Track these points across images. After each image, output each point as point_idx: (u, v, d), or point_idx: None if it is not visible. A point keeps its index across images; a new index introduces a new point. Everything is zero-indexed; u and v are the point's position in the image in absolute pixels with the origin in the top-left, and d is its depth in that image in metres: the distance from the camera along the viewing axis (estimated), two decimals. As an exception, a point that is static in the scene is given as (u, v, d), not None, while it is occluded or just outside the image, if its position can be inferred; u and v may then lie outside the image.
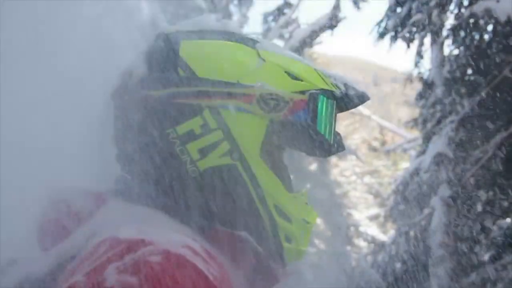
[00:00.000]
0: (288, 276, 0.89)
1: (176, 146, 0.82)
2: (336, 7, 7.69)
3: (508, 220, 6.59)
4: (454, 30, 6.61)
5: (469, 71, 6.91)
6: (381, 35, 8.59)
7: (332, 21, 7.71)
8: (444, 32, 7.23)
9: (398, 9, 8.31)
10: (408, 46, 7.87)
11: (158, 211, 0.80)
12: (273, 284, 0.89)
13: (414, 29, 7.62)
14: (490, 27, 6.22)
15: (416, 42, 7.79)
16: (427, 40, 7.75)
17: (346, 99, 0.91)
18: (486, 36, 6.39)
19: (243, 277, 0.84)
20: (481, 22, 6.13)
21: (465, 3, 6.57)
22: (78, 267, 0.69)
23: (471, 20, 6.16)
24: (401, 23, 8.03)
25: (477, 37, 6.46)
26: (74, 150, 0.89)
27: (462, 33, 6.58)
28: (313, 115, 0.84)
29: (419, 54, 7.87)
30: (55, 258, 0.75)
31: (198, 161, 0.81)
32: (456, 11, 6.91)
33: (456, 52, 7.04)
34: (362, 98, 0.91)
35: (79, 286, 0.64)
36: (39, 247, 0.84)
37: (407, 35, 7.73)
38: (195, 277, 0.66)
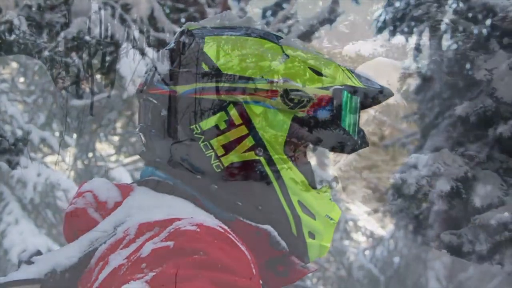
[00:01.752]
0: (310, 271, 0.89)
1: (201, 142, 0.82)
2: (335, 1, 7.67)
3: (506, 214, 6.61)
4: (453, 24, 6.60)
5: (468, 66, 6.91)
6: (380, 30, 8.59)
7: (330, 15, 7.70)
8: (443, 27, 7.23)
9: (397, 3, 8.30)
10: (407, 41, 7.87)
11: (184, 200, 0.80)
12: (295, 279, 0.89)
13: (413, 23, 7.62)
14: (488, 22, 6.22)
15: (414, 37, 7.79)
16: (426, 34, 7.75)
17: (370, 95, 0.91)
18: (484, 31, 6.39)
19: (264, 270, 0.84)
20: (480, 16, 6.13)
21: (464, -3, 6.56)
22: (109, 253, 0.70)
23: (470, 15, 6.16)
24: (399, 18, 8.03)
25: (475, 31, 6.46)
26: None
27: (461, 28, 6.57)
28: (337, 111, 0.85)
29: (418, 49, 7.86)
30: (83, 247, 0.76)
31: (223, 156, 0.82)
32: (454, 5, 6.91)
33: (454, 46, 7.04)
34: (386, 94, 0.91)
35: (122, 268, 0.64)
36: (65, 237, 0.85)
37: (406, 29, 7.73)
38: (229, 247, 0.66)
